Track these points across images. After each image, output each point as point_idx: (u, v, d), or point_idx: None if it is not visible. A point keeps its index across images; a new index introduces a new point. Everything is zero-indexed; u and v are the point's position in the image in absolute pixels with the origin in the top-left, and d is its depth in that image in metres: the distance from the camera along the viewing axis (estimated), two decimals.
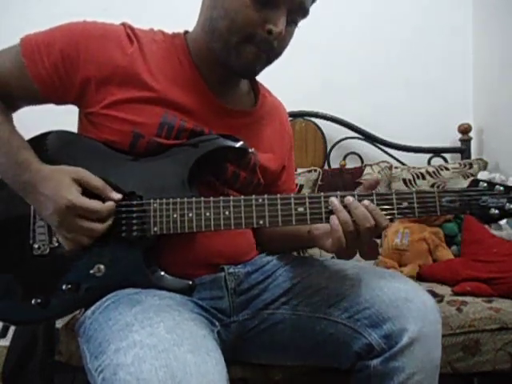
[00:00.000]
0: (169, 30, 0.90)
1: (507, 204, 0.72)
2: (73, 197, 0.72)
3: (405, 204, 0.73)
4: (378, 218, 0.70)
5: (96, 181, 0.76)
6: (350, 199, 0.72)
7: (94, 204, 0.73)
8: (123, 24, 0.84)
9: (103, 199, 0.76)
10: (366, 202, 0.71)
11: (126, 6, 1.89)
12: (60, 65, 0.78)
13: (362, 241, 0.72)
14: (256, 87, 0.96)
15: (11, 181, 0.77)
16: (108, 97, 0.79)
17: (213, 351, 0.62)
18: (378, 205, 0.72)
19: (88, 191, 0.75)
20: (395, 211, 0.73)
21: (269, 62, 0.82)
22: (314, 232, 0.79)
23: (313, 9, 0.83)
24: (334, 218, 0.71)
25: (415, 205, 0.73)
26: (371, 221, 0.70)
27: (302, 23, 0.83)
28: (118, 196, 0.76)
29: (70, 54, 0.78)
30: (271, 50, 0.79)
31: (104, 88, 0.79)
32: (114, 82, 0.79)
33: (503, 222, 0.74)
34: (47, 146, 0.82)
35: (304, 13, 0.80)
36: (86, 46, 0.79)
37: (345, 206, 0.71)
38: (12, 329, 1.31)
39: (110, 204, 0.75)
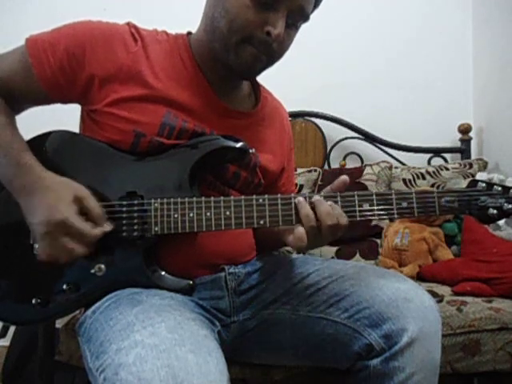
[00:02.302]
0: (169, 30, 0.90)
1: (505, 204, 0.72)
2: (69, 214, 0.71)
3: (404, 204, 0.74)
4: (338, 216, 0.72)
5: (95, 206, 0.74)
6: (316, 197, 0.73)
7: (86, 227, 0.72)
8: (128, 24, 0.85)
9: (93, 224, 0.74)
10: (329, 202, 0.73)
11: (126, 5, 1.89)
12: (65, 63, 0.78)
13: (322, 238, 0.73)
14: (257, 89, 0.97)
15: (7, 181, 0.76)
16: (111, 94, 0.79)
17: (214, 351, 0.62)
18: (359, 205, 0.74)
19: (83, 212, 0.74)
20: (395, 211, 0.74)
21: (268, 63, 0.82)
22: (281, 228, 0.80)
23: None
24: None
25: (415, 205, 0.74)
26: (334, 219, 0.71)
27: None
28: (109, 228, 0.75)
29: (76, 52, 0.78)
30: (270, 52, 0.79)
31: (107, 85, 0.79)
32: (117, 79, 0.80)
33: (501, 221, 0.75)
34: (48, 146, 0.82)
35: (304, 17, 0.80)
36: (91, 45, 0.79)
37: (310, 204, 0.73)
38: (12, 329, 1.31)
39: (98, 232, 0.73)
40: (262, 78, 0.92)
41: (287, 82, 1.67)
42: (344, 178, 0.75)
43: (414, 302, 0.76)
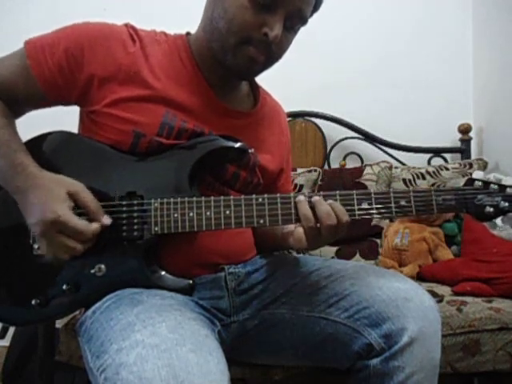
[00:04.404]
0: (169, 30, 0.90)
1: (502, 202, 0.74)
2: (62, 212, 0.70)
3: (402, 202, 0.75)
4: (338, 215, 0.72)
5: (91, 200, 0.74)
6: (316, 198, 0.74)
7: (80, 224, 0.71)
8: (126, 25, 0.85)
9: (90, 219, 0.74)
10: (329, 200, 0.74)
11: (126, 5, 1.89)
12: (64, 64, 0.79)
13: (322, 238, 0.74)
14: (256, 89, 0.97)
15: (6, 183, 0.76)
16: (110, 95, 0.79)
17: (215, 351, 0.62)
18: (358, 204, 0.74)
19: (79, 207, 0.74)
20: (393, 210, 0.74)
21: (266, 65, 0.82)
22: (283, 231, 0.80)
23: None
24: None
25: (413, 203, 0.74)
26: (334, 219, 0.72)
27: None
28: (108, 221, 0.75)
29: (74, 53, 0.79)
30: (269, 53, 0.79)
31: (106, 86, 0.79)
32: (116, 80, 0.80)
33: (498, 220, 0.76)
34: (48, 147, 0.82)
35: (302, 20, 0.81)
36: (89, 46, 0.79)
37: (310, 204, 0.73)
38: (12, 329, 1.31)
39: (95, 227, 0.73)
40: (262, 78, 0.92)
41: (287, 82, 1.68)
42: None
43: (413, 301, 0.76)
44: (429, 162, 1.94)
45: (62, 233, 0.71)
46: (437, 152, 1.95)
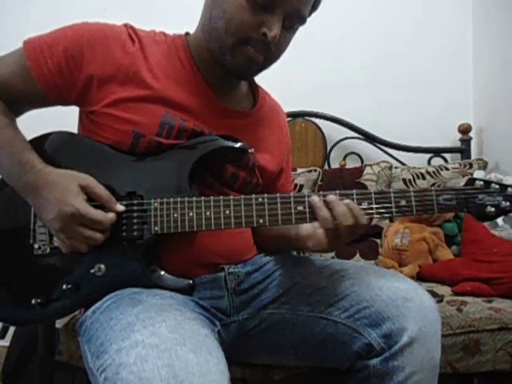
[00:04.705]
0: (169, 30, 0.90)
1: (503, 202, 0.74)
2: (80, 205, 0.72)
3: (403, 202, 0.74)
4: (357, 216, 0.72)
5: (102, 190, 0.76)
6: (331, 197, 0.73)
7: (98, 215, 0.73)
8: (125, 25, 0.85)
9: (105, 208, 0.75)
10: (346, 200, 0.73)
11: (126, 5, 1.89)
12: (63, 65, 0.79)
13: (341, 239, 0.73)
14: (255, 89, 0.97)
15: (13, 181, 0.77)
16: (109, 95, 0.79)
17: (215, 351, 0.62)
18: (358, 203, 0.74)
19: (91, 199, 0.75)
20: (393, 209, 0.74)
21: (265, 65, 0.82)
22: (300, 234, 0.80)
23: None
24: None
25: (413, 203, 0.74)
26: (351, 219, 0.71)
27: None
28: (121, 208, 0.76)
29: (74, 53, 0.79)
30: (268, 53, 0.79)
31: (106, 86, 0.79)
32: (115, 80, 0.80)
33: (499, 219, 0.76)
34: (48, 147, 0.82)
35: (301, 20, 0.81)
36: (89, 46, 0.79)
37: (327, 204, 0.73)
38: (12, 329, 1.31)
39: (112, 216, 0.75)
40: (261, 78, 0.92)
41: (287, 82, 1.68)
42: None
43: (413, 301, 0.76)
44: (429, 162, 1.94)
45: (81, 225, 0.73)
46: (437, 152, 1.95)
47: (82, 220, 0.72)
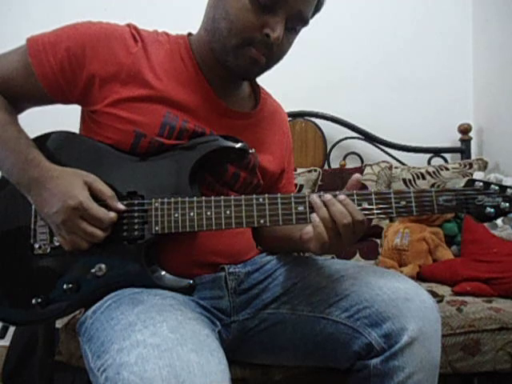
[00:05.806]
0: (169, 30, 0.90)
1: (502, 203, 0.74)
2: (83, 199, 0.73)
3: (403, 203, 0.74)
4: (352, 212, 0.71)
5: (105, 188, 0.76)
6: (327, 197, 0.73)
7: (100, 212, 0.74)
8: (128, 25, 0.85)
9: (107, 207, 0.76)
10: (340, 196, 0.72)
11: (126, 5, 1.89)
12: (66, 63, 0.79)
13: (342, 238, 0.73)
14: (257, 89, 0.97)
15: (16, 177, 0.77)
16: (111, 95, 0.80)
17: (216, 351, 0.62)
18: (358, 204, 0.73)
19: (94, 197, 0.75)
20: (393, 210, 0.74)
21: (267, 66, 0.83)
22: (304, 236, 0.80)
23: None
24: (314, 216, 0.73)
25: (413, 204, 0.74)
26: (348, 217, 0.71)
27: None
28: (123, 207, 0.77)
29: (76, 52, 0.79)
30: (270, 54, 0.79)
31: (108, 86, 0.80)
32: (117, 80, 0.80)
33: (499, 220, 0.76)
34: (49, 147, 0.82)
35: (303, 21, 0.81)
36: (91, 45, 0.79)
37: (324, 204, 0.73)
38: (12, 329, 1.31)
39: (113, 215, 0.75)
40: (262, 78, 0.92)
41: (287, 82, 1.68)
42: (356, 176, 0.75)
43: (413, 301, 0.76)
44: (429, 162, 1.94)
45: (84, 219, 0.73)
46: (437, 152, 1.95)
47: (85, 214, 0.73)
